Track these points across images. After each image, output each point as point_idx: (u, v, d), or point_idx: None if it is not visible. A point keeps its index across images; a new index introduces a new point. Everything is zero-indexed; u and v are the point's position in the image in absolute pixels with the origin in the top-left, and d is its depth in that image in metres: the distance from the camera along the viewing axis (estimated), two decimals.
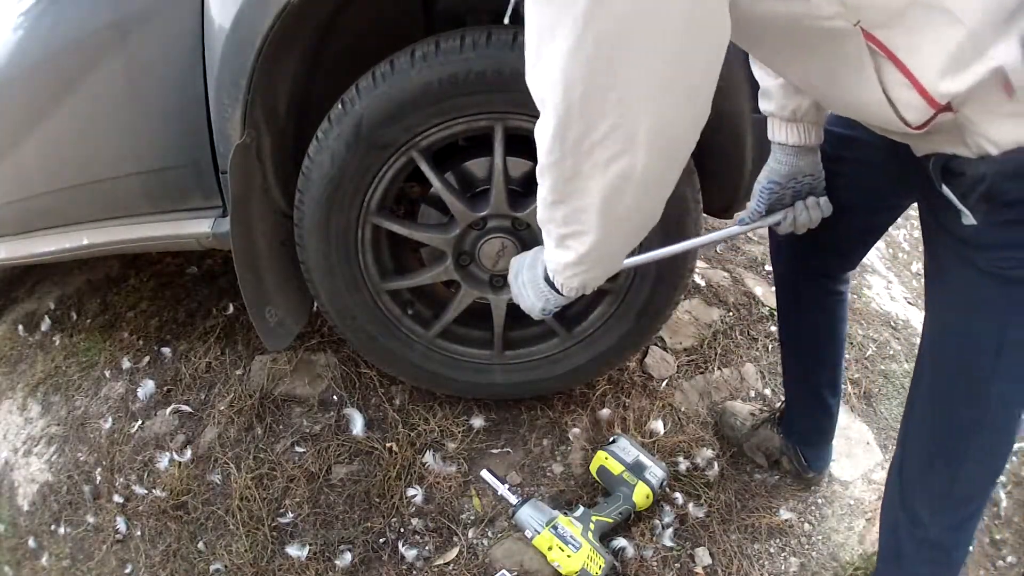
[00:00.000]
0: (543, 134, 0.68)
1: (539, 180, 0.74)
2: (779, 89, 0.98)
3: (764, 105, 1.03)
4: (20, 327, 2.13)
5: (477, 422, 1.56)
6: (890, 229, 1.26)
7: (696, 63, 0.61)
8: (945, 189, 0.79)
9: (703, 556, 1.36)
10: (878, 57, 0.67)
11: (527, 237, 1.30)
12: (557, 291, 0.96)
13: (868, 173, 1.05)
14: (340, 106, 1.15)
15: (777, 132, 1.03)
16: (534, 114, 0.68)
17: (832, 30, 0.66)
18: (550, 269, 0.91)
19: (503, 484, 1.42)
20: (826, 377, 1.37)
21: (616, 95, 0.61)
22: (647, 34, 0.57)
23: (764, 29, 0.72)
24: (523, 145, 1.23)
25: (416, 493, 1.44)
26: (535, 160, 0.73)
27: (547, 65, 0.61)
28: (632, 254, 1.17)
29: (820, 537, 1.44)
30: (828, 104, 0.89)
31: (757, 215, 1.07)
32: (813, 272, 1.25)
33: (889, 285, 2.24)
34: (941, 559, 1.06)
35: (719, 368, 1.75)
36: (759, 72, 1.01)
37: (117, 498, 1.55)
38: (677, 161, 0.71)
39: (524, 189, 1.30)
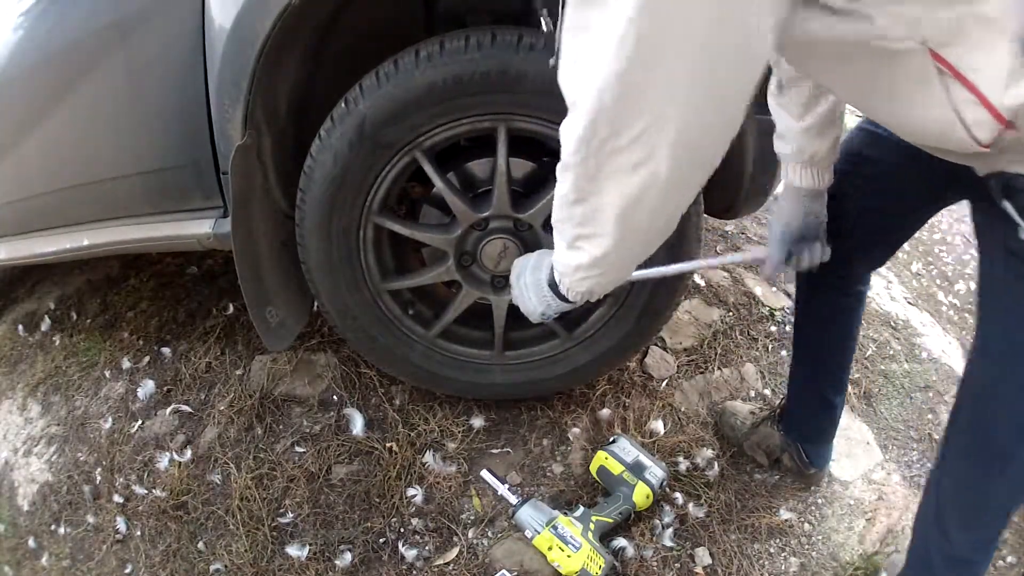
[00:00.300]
0: (570, 134, 0.67)
1: (560, 177, 0.74)
2: (799, 134, 1.01)
3: (780, 147, 1.06)
4: (20, 327, 2.12)
5: (477, 422, 1.56)
6: None
7: (726, 76, 0.61)
8: (1006, 204, 0.80)
9: (703, 556, 1.36)
10: (945, 76, 0.67)
11: (529, 238, 1.30)
12: (560, 296, 0.96)
13: (896, 176, 1.05)
14: (344, 105, 1.14)
15: (792, 175, 1.07)
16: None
17: (899, 51, 0.67)
18: (559, 271, 0.90)
19: (503, 484, 1.43)
20: (834, 376, 1.37)
21: (647, 101, 0.61)
22: (676, 46, 0.57)
23: (825, 50, 0.72)
24: (525, 146, 1.24)
25: (416, 493, 1.44)
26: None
27: (583, 67, 0.62)
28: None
29: (820, 537, 1.44)
30: (889, 125, 0.88)
31: (777, 262, 1.12)
32: (836, 272, 1.23)
33: (889, 285, 2.24)
34: (965, 572, 1.09)
35: (719, 368, 1.75)
36: (779, 114, 1.04)
37: (117, 498, 1.55)
38: (700, 172, 0.70)
39: (526, 190, 1.30)
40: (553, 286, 0.96)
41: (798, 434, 1.47)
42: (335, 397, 1.63)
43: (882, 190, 1.08)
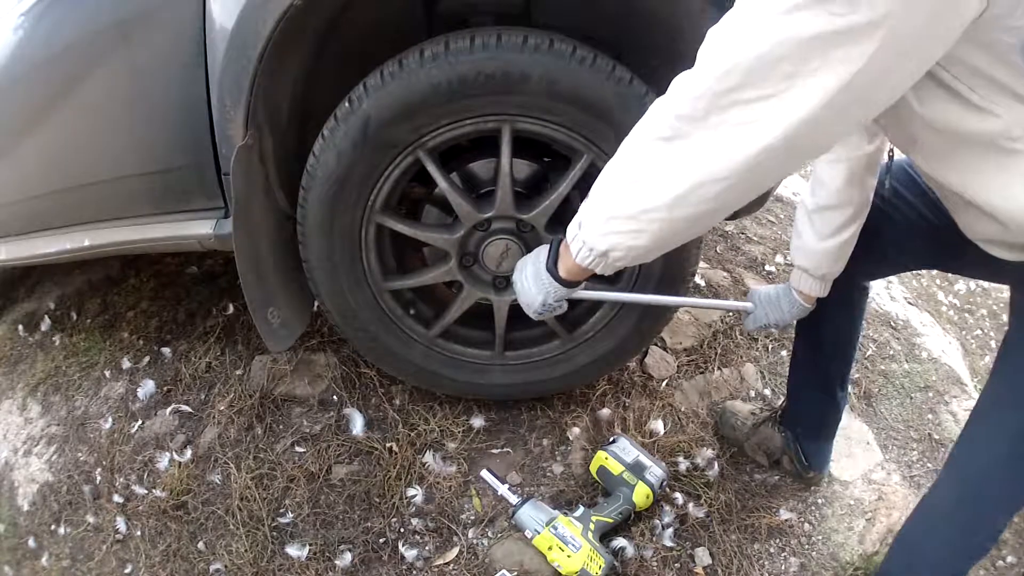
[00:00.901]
0: (696, 81, 0.68)
1: (655, 116, 0.73)
2: (820, 253, 1.10)
3: (800, 260, 1.14)
4: (20, 327, 2.12)
5: (477, 422, 1.56)
6: None
7: (859, 104, 0.64)
8: None
9: (703, 556, 1.36)
10: None
11: (531, 239, 1.30)
12: (560, 280, 0.96)
13: (925, 229, 1.09)
14: (347, 104, 1.14)
15: (803, 283, 1.17)
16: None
17: (1014, 151, 0.70)
18: (588, 218, 0.85)
19: (503, 484, 1.43)
20: (841, 372, 1.38)
21: (786, 75, 0.61)
22: (841, 60, 0.59)
23: (946, 139, 0.75)
24: (528, 147, 1.23)
25: (416, 493, 1.44)
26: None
27: (747, 23, 0.63)
28: (624, 291, 1.32)
29: (820, 537, 1.45)
30: (972, 195, 0.86)
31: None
32: (858, 273, 1.23)
33: (889, 285, 2.24)
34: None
35: (719, 368, 1.75)
36: (806, 229, 1.11)
37: (117, 498, 1.55)
38: (791, 167, 0.72)
39: (529, 191, 1.30)
40: (552, 270, 0.96)
41: (802, 430, 1.47)
42: (335, 397, 1.63)
43: (908, 230, 1.11)
